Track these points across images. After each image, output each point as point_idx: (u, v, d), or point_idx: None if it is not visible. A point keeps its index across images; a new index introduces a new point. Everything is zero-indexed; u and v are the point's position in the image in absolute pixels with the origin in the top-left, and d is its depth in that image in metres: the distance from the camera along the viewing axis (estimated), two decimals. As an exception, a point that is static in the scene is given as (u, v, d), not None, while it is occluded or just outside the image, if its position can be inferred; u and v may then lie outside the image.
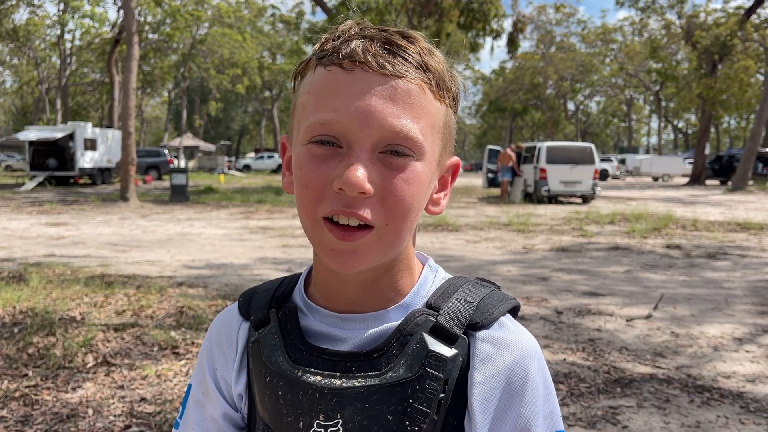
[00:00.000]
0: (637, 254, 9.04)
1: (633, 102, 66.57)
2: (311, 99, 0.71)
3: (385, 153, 0.69)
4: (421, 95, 0.70)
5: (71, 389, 3.57)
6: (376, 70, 0.68)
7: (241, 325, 0.84)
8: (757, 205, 18.21)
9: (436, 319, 0.73)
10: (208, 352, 0.86)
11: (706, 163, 32.78)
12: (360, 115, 0.67)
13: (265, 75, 50.61)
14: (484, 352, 0.73)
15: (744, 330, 5.09)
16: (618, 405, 3.49)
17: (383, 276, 0.76)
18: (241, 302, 0.86)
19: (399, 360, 0.71)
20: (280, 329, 0.77)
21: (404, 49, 0.70)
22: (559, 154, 18.75)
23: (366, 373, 0.71)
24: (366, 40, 0.69)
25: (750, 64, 30.65)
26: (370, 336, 0.75)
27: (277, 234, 10.92)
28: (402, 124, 0.68)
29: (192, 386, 0.87)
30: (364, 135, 0.67)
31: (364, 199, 0.67)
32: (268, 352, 0.76)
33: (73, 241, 9.80)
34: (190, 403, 0.86)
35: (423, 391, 0.70)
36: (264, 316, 0.80)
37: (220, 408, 0.83)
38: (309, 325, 0.78)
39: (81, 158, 26.20)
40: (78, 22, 37.10)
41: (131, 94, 17.72)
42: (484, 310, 0.75)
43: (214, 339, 0.86)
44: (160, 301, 5.50)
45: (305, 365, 0.73)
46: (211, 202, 18.28)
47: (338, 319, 0.77)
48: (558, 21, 56.40)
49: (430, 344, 0.71)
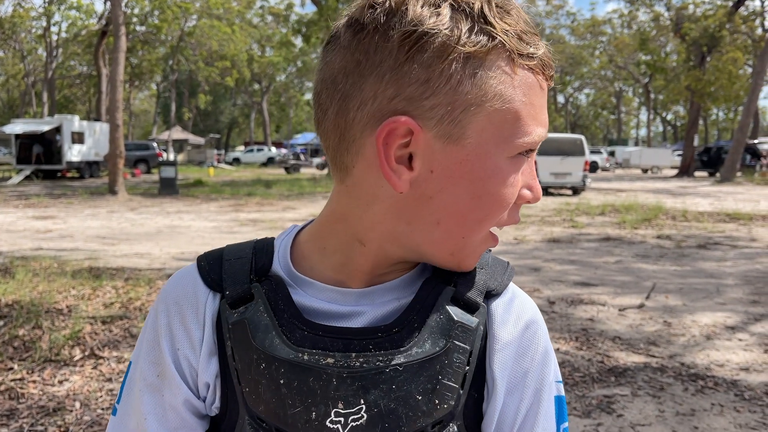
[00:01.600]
0: (628, 245, 9.05)
1: (622, 94, 66.81)
2: (528, 110, 0.62)
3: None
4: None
5: (58, 382, 3.51)
6: (550, 84, 0.68)
7: (209, 298, 0.71)
8: (746, 196, 18.32)
9: (455, 287, 0.69)
10: (166, 328, 0.71)
11: (695, 154, 32.95)
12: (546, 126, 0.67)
13: (254, 67, 50.32)
14: (500, 318, 0.71)
15: (736, 318, 5.09)
16: (612, 394, 3.47)
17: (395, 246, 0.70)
18: (206, 268, 0.72)
19: (422, 334, 0.65)
20: (271, 307, 0.67)
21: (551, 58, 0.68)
22: (550, 146, 18.74)
23: (387, 351, 0.64)
24: (546, 48, 0.65)
25: (738, 56, 30.78)
26: (380, 312, 0.68)
27: (267, 226, 10.85)
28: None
29: (139, 366, 0.72)
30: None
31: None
32: (259, 335, 0.65)
33: (60, 235, 9.68)
34: (140, 387, 0.71)
35: (451, 365, 0.65)
36: (244, 292, 0.69)
37: (180, 394, 0.69)
38: (302, 301, 0.68)
39: (68, 151, 25.95)
40: (64, 14, 36.80)
41: (119, 87, 17.54)
42: (496, 277, 0.73)
43: (173, 312, 0.71)
44: (149, 294, 5.43)
45: (310, 347, 0.64)
46: (201, 195, 18.16)
47: (339, 294, 0.69)
48: (548, 13, 56.43)
49: (455, 315, 0.67)
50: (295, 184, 22.13)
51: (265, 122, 58.01)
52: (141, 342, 0.73)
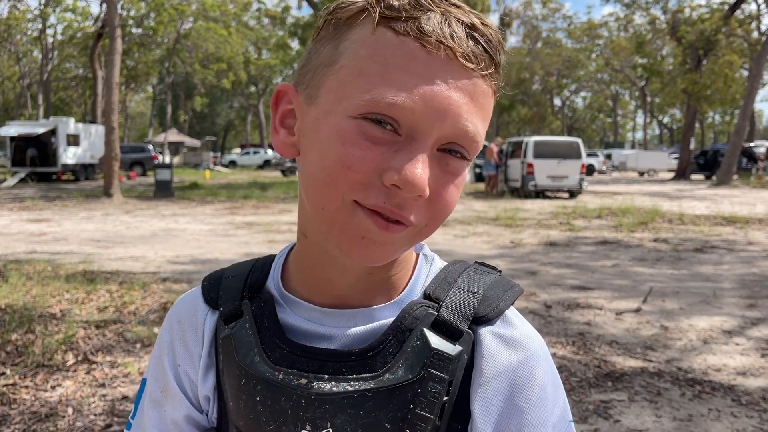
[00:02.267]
0: (625, 248, 9.04)
1: (619, 97, 66.97)
2: (375, 68, 0.58)
3: (444, 151, 0.60)
4: (491, 98, 0.62)
5: (50, 387, 3.48)
6: (460, 59, 0.58)
7: (208, 316, 0.73)
8: (742, 200, 18.34)
9: (437, 312, 0.65)
10: (168, 345, 0.75)
11: (691, 157, 33.00)
12: (438, 105, 0.57)
13: (250, 70, 50.33)
14: (487, 349, 0.65)
15: (733, 323, 5.08)
16: (609, 399, 3.45)
17: (382, 269, 0.67)
18: (206, 287, 0.75)
19: (397, 359, 0.62)
20: (256, 324, 0.68)
21: (489, 41, 0.60)
22: (546, 148, 18.76)
23: (359, 374, 0.62)
24: (451, 18, 0.59)
25: (734, 59, 30.86)
26: (358, 334, 0.66)
27: (263, 229, 10.81)
28: (475, 126, 0.60)
29: (148, 382, 0.76)
30: (435, 128, 0.58)
31: (417, 201, 0.59)
32: (242, 351, 0.66)
33: (54, 238, 9.64)
34: (146, 402, 0.75)
35: (425, 394, 0.61)
36: (236, 308, 0.70)
37: (182, 409, 0.73)
38: (287, 319, 0.68)
39: (63, 154, 25.87)
40: (60, 16, 36.75)
41: (114, 89, 17.50)
42: (490, 302, 0.67)
43: (176, 330, 0.75)
44: (143, 297, 5.39)
45: (287, 366, 0.64)
46: (197, 197, 18.11)
47: (321, 314, 0.68)
48: (544, 16, 56.54)
49: (432, 341, 0.63)
50: (291, 187, 22.09)
51: (262, 125, 57.94)
52: (150, 359, 0.78)
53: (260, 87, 57.74)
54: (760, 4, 33.61)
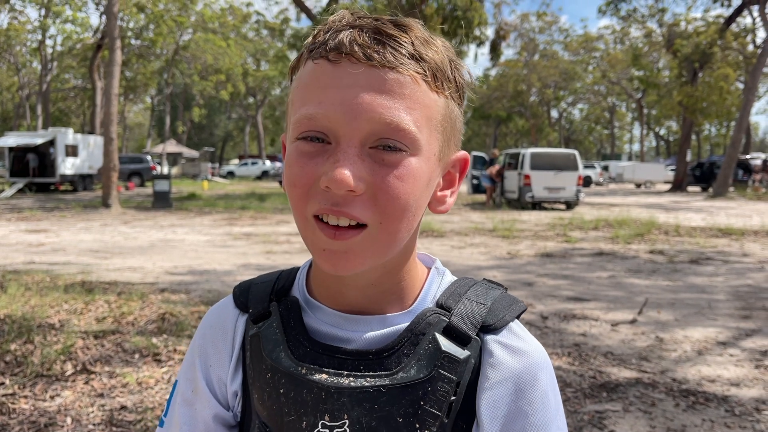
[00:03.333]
0: (621, 260, 9.08)
1: (615, 109, 67.20)
2: (298, 94, 0.68)
3: (377, 148, 0.65)
4: (414, 86, 0.65)
5: (49, 397, 3.49)
6: (364, 61, 0.64)
7: (238, 319, 0.80)
8: (738, 211, 18.42)
9: (449, 319, 0.71)
10: (200, 348, 0.81)
11: (688, 169, 33.13)
12: (347, 107, 0.63)
13: (249, 81, 50.46)
14: (494, 356, 0.71)
15: (727, 334, 5.12)
16: (604, 410, 3.47)
17: (384, 279, 0.73)
18: (237, 294, 0.82)
19: (410, 360, 0.69)
20: (282, 324, 0.74)
21: (395, 39, 0.66)
22: (543, 160, 18.84)
23: (375, 372, 0.69)
24: (355, 30, 0.66)
25: (729, 72, 31.06)
26: (375, 338, 0.72)
27: (260, 240, 10.84)
28: (393, 115, 0.64)
29: (179, 383, 0.82)
30: (352, 129, 0.64)
31: (354, 197, 0.64)
32: (269, 347, 0.72)
33: (53, 248, 9.65)
34: (177, 401, 0.81)
35: (435, 393, 0.68)
36: (264, 309, 0.77)
37: (210, 408, 0.78)
38: (311, 323, 0.75)
39: (62, 164, 25.88)
40: (60, 27, 36.86)
41: (113, 100, 17.56)
42: (497, 313, 0.73)
43: (208, 335, 0.81)
44: (141, 308, 5.41)
45: (309, 362, 0.70)
46: (195, 208, 18.13)
47: (342, 319, 0.74)
48: (541, 29, 56.85)
49: (443, 345, 0.69)
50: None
51: (260, 136, 58.04)
52: (183, 363, 0.84)
53: (259, 98, 57.87)
54: (756, 17, 33.89)
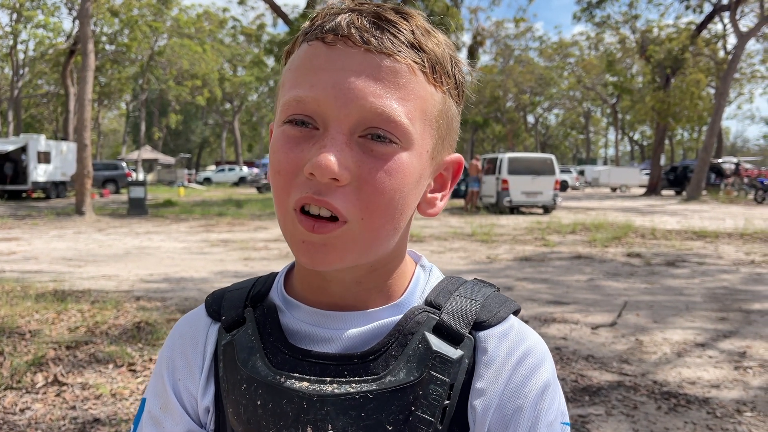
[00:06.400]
0: (599, 263, 9.14)
1: (590, 114, 68.03)
2: (289, 75, 0.64)
3: (366, 137, 0.61)
4: (410, 76, 0.62)
5: (19, 410, 3.38)
6: (360, 45, 0.61)
7: (210, 328, 0.74)
8: (711, 214, 18.70)
9: (439, 317, 0.66)
10: (168, 360, 0.75)
11: (662, 173, 33.61)
12: (338, 92, 0.60)
13: (225, 87, 50.12)
14: (490, 352, 0.67)
15: (706, 336, 5.15)
16: (587, 413, 3.46)
17: (368, 277, 0.69)
18: (209, 302, 0.76)
19: (399, 362, 0.63)
20: (258, 330, 0.68)
21: (395, 25, 0.63)
22: (521, 165, 18.96)
23: (361, 377, 0.63)
24: (354, 14, 0.63)
25: (701, 78, 31.60)
26: (359, 336, 0.67)
27: (238, 247, 10.72)
28: (385, 105, 0.60)
29: (147, 400, 0.75)
30: (342, 114, 0.60)
31: (338, 186, 0.60)
32: (244, 355, 0.66)
33: (24, 257, 9.44)
34: (145, 420, 0.74)
35: (426, 397, 0.62)
36: (238, 316, 0.71)
37: (181, 425, 0.71)
38: (289, 323, 0.69)
39: (34, 171, 25.42)
40: (32, 32, 36.25)
41: (87, 106, 17.28)
42: (490, 309, 0.69)
43: (177, 345, 0.75)
44: (116, 317, 5.29)
45: (288, 370, 0.64)
46: (171, 215, 17.91)
47: (322, 317, 0.68)
48: (516, 35, 57.36)
49: (433, 344, 0.64)
50: (267, 204, 21.97)
51: (237, 142, 57.68)
52: (151, 378, 0.77)
53: (235, 104, 57.54)
54: (726, 24, 34.56)
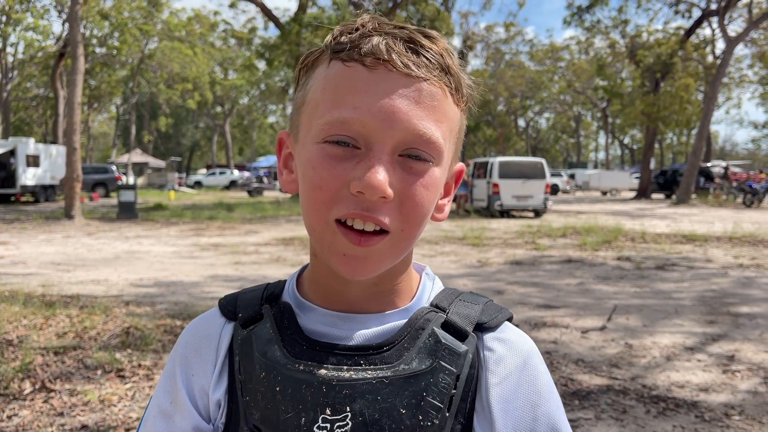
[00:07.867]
0: (590, 266, 9.17)
1: (581, 118, 68.32)
2: (327, 95, 0.67)
3: (405, 156, 0.66)
4: (444, 99, 0.68)
5: (6, 417, 3.35)
6: (401, 70, 0.65)
7: (225, 326, 0.78)
8: (701, 218, 18.82)
9: (446, 316, 0.73)
10: (182, 358, 0.78)
11: (652, 177, 33.80)
12: (384, 115, 0.64)
13: (216, 90, 50.02)
14: (496, 352, 0.73)
15: (695, 339, 5.18)
16: (576, 417, 3.47)
17: (385, 279, 0.74)
18: (224, 303, 0.80)
19: (411, 353, 0.69)
20: (276, 324, 0.73)
21: (428, 50, 0.68)
22: (511, 169, 19.02)
23: (376, 365, 0.69)
24: (389, 38, 0.67)
25: (690, 83, 31.81)
26: (372, 336, 0.72)
27: (228, 251, 10.68)
28: (426, 128, 0.66)
29: (157, 395, 0.78)
30: (386, 136, 0.65)
31: (384, 203, 0.65)
32: (263, 346, 0.71)
33: (12, 261, 9.36)
34: (153, 413, 0.77)
35: (437, 384, 0.68)
36: (255, 312, 0.76)
37: (190, 420, 0.75)
38: (305, 323, 0.74)
39: (23, 175, 25.26)
40: (21, 35, 36.02)
41: (77, 109, 17.20)
42: (490, 313, 0.76)
43: (191, 342, 0.79)
44: (105, 322, 5.26)
45: (306, 359, 0.69)
46: (161, 219, 17.83)
47: (337, 319, 0.74)
48: (507, 39, 57.58)
49: (443, 338, 0.71)
50: (257, 208, 21.92)
51: (228, 145, 57.55)
52: (161, 376, 0.81)
53: (226, 107, 57.41)
54: (715, 29, 34.84)
